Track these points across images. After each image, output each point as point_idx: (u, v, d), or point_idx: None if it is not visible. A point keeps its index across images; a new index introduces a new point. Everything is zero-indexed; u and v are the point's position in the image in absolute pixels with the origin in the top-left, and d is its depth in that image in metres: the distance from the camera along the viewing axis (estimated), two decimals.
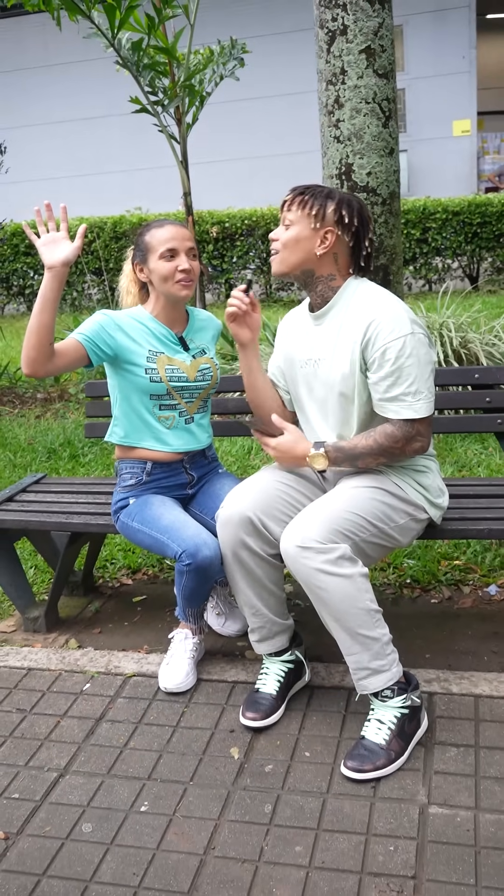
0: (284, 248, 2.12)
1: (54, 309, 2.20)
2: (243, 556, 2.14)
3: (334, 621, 2.01)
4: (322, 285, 2.16)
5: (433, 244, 10.28)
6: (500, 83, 19.33)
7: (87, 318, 2.48)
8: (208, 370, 2.47)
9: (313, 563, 1.95)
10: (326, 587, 1.95)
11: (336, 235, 2.09)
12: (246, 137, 15.56)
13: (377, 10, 3.63)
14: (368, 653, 2.01)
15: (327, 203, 2.08)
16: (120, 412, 2.46)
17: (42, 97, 16.69)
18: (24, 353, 2.22)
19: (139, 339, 2.38)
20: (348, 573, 1.96)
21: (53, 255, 2.20)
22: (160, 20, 5.40)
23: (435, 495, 2.23)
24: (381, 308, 2.06)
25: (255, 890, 1.68)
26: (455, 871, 1.68)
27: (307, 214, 2.08)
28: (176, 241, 2.32)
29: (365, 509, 2.06)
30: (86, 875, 1.75)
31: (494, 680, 2.29)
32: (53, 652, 2.64)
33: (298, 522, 2.01)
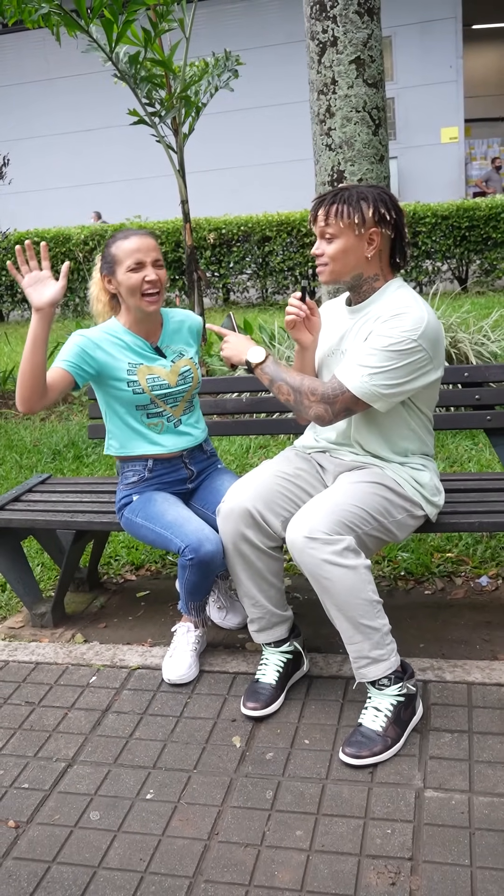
0: (335, 261, 2.07)
1: (45, 347, 2.17)
2: (244, 548, 2.14)
3: (338, 611, 2.00)
4: (367, 286, 2.14)
5: (423, 248, 10.28)
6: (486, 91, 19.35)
7: (89, 323, 2.46)
8: (189, 372, 2.45)
9: (320, 553, 1.94)
10: (332, 577, 1.95)
11: (380, 234, 2.06)
12: (241, 146, 15.56)
13: (366, 21, 3.63)
14: (369, 642, 2.01)
15: (363, 206, 2.02)
16: (112, 425, 2.46)
17: (43, 110, 16.69)
18: (21, 394, 2.19)
19: (117, 354, 2.36)
20: (353, 564, 1.96)
21: (42, 297, 2.15)
22: (156, 34, 5.40)
23: (431, 493, 2.22)
24: (409, 306, 2.03)
25: (258, 873, 1.68)
26: (450, 853, 1.68)
27: (349, 224, 2.03)
28: (141, 253, 2.27)
29: (367, 503, 2.06)
30: (94, 861, 1.75)
31: (486, 667, 2.29)
32: (60, 646, 2.64)
33: (305, 514, 2.01)
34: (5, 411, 6.04)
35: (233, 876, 1.68)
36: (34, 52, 16.23)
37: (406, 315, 2.01)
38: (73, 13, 5.28)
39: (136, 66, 5.48)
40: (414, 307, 2.03)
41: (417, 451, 2.23)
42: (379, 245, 2.07)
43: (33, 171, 16.23)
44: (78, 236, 11.21)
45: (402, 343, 1.99)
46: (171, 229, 10.76)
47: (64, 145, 16.61)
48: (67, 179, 16.65)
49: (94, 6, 5.06)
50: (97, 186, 16.35)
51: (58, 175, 16.68)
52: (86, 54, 5.55)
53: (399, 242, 2.12)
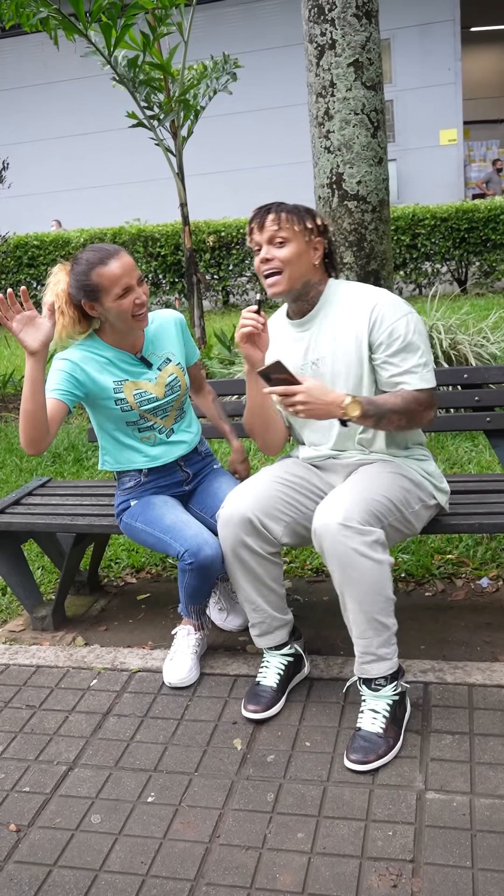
0: (289, 265, 2.08)
1: (44, 388, 2.12)
2: (243, 555, 2.14)
3: (356, 603, 1.98)
4: (313, 291, 2.17)
5: (422, 249, 10.29)
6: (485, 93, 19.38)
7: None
8: (176, 381, 2.42)
9: (352, 542, 1.93)
10: (360, 569, 1.94)
11: (321, 244, 2.13)
12: (239, 149, 15.59)
13: (364, 24, 3.64)
14: (379, 639, 2.01)
15: (307, 217, 2.09)
16: (105, 442, 2.45)
17: (42, 114, 16.71)
18: (27, 436, 2.14)
19: (102, 373, 2.32)
20: (380, 559, 1.96)
21: (36, 340, 2.07)
22: (155, 37, 5.41)
23: (439, 480, 2.28)
24: (377, 294, 2.13)
25: (259, 876, 1.68)
26: (452, 855, 1.68)
27: (302, 229, 2.07)
28: (126, 278, 2.18)
29: (392, 494, 2.08)
30: (95, 864, 1.75)
31: (487, 669, 2.29)
32: (61, 649, 2.64)
33: (336, 500, 1.98)
34: (5, 415, 6.04)
35: (234, 879, 1.68)
36: (32, 56, 16.25)
37: (381, 303, 2.11)
38: (71, 17, 5.30)
39: (135, 70, 5.49)
40: (373, 291, 2.14)
41: (414, 441, 2.28)
42: (321, 254, 2.14)
43: (32, 174, 16.25)
44: (77, 240, 11.22)
45: (408, 325, 2.09)
46: (170, 232, 10.76)
47: (63, 149, 16.63)
48: (66, 183, 16.66)
49: (93, 10, 5.07)
50: (96, 190, 16.36)
51: (56, 178, 16.69)
52: (84, 58, 5.56)
53: (331, 253, 2.19)
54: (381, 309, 2.09)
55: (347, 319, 2.13)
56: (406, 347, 2.08)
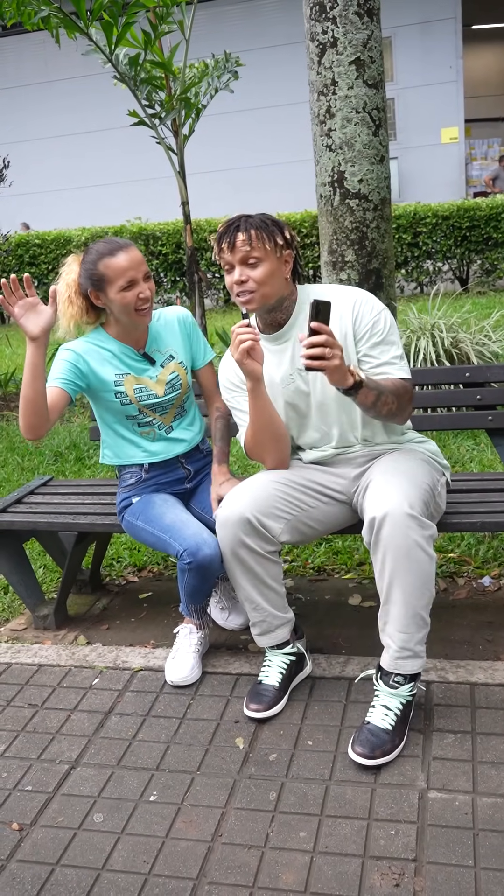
0: (264, 285, 2.05)
1: (44, 374, 2.15)
2: (242, 554, 2.14)
3: (404, 596, 1.97)
4: (287, 301, 2.17)
5: (424, 248, 10.28)
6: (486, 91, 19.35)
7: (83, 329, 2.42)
8: (177, 379, 2.42)
9: (416, 534, 1.93)
10: (418, 562, 1.94)
11: (290, 255, 2.12)
12: (241, 147, 15.57)
13: (366, 22, 3.63)
14: (419, 635, 2.01)
15: (276, 231, 2.06)
16: (106, 435, 2.47)
17: (43, 113, 16.71)
18: (26, 422, 2.17)
19: (104, 365, 2.35)
20: (433, 554, 1.98)
21: (36, 326, 2.12)
22: (156, 36, 5.40)
23: (441, 457, 2.33)
24: (353, 291, 2.17)
25: (262, 875, 1.68)
26: (454, 854, 1.68)
27: (272, 247, 2.04)
28: (132, 271, 2.22)
29: (428, 480, 2.11)
30: (98, 863, 1.75)
31: (489, 668, 2.29)
32: (63, 648, 2.64)
33: (396, 488, 1.95)
34: (7, 413, 6.04)
35: (236, 878, 1.68)
36: (34, 55, 16.24)
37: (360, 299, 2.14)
38: (72, 15, 5.29)
39: (136, 68, 5.48)
40: (348, 289, 2.17)
41: (407, 427, 2.33)
42: (291, 267, 2.14)
43: (33, 173, 16.24)
44: (79, 238, 11.22)
45: (386, 320, 2.14)
46: (171, 231, 10.76)
47: (64, 147, 16.62)
48: (67, 181, 16.65)
49: (94, 8, 5.06)
50: (97, 188, 16.36)
51: (58, 177, 16.68)
52: (85, 57, 5.55)
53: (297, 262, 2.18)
54: (362, 304, 2.14)
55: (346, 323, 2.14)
56: (384, 340, 2.13)
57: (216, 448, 2.50)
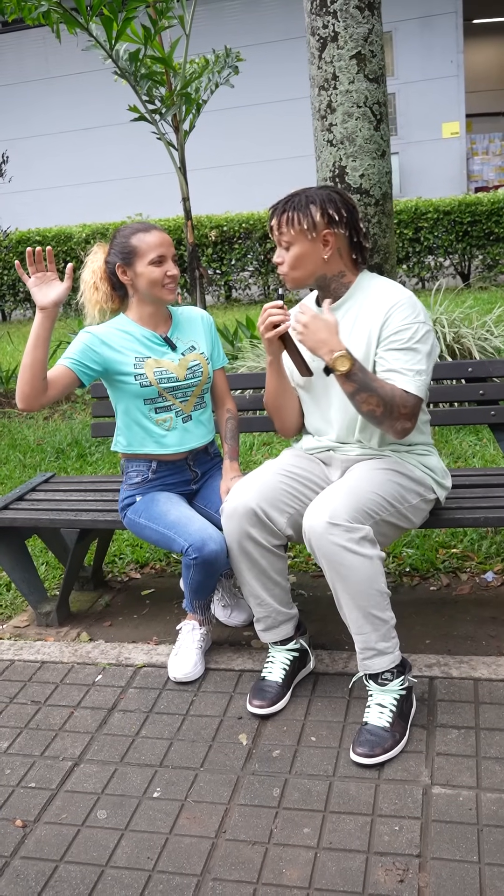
0: (293, 269, 2.11)
1: (47, 345, 2.21)
2: (248, 547, 2.14)
3: (350, 599, 1.99)
4: (335, 283, 2.16)
5: (425, 243, 10.26)
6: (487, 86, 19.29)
7: (81, 319, 2.47)
8: (198, 366, 2.45)
9: (339, 540, 1.94)
10: (349, 565, 1.95)
11: (334, 234, 2.09)
12: (242, 143, 15.53)
13: (367, 16, 3.62)
14: (377, 633, 2.01)
15: (311, 210, 2.05)
16: (121, 423, 2.46)
17: (43, 109, 16.67)
18: (20, 390, 2.22)
19: (124, 349, 2.37)
20: (369, 554, 1.96)
21: (46, 297, 2.20)
22: (156, 31, 5.38)
23: (441, 476, 2.27)
24: (401, 295, 2.11)
25: (266, 871, 1.68)
26: (458, 849, 1.68)
27: (300, 230, 2.06)
28: (164, 248, 2.32)
29: (384, 490, 2.07)
30: (102, 860, 1.75)
31: (493, 663, 2.29)
32: (66, 645, 2.64)
33: (325, 499, 2.00)
34: (8, 410, 6.04)
35: (240, 874, 1.68)
36: (33, 51, 16.20)
37: (401, 304, 2.09)
38: (72, 11, 5.28)
39: (137, 64, 5.47)
40: (399, 291, 2.11)
41: (419, 441, 2.26)
42: (335, 245, 2.10)
43: (33, 169, 16.21)
44: (79, 235, 11.21)
45: (418, 331, 2.07)
46: (172, 227, 10.74)
47: (64, 143, 16.58)
48: (68, 178, 16.61)
49: (94, 4, 5.05)
50: (98, 184, 16.32)
51: (58, 173, 16.64)
52: (85, 53, 5.55)
53: (356, 239, 2.14)
54: (398, 308, 2.08)
55: (368, 315, 2.13)
56: (406, 351, 2.06)
57: (227, 446, 2.53)
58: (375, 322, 2.10)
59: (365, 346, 2.12)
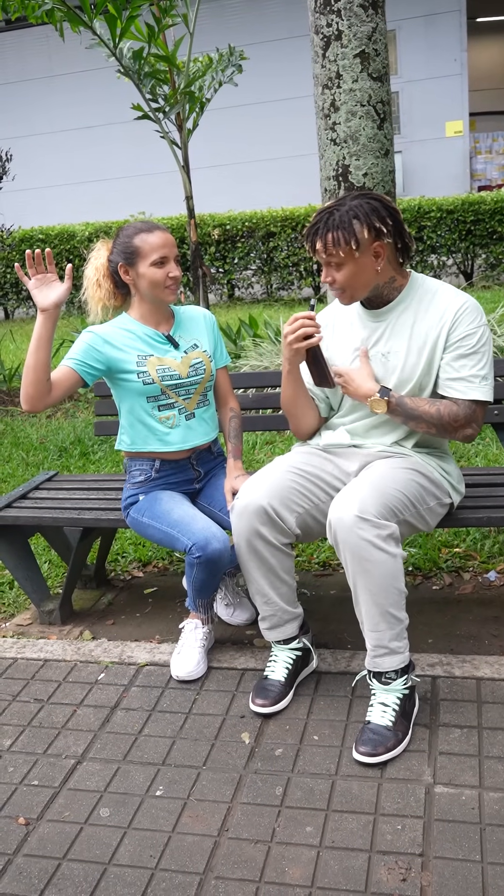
0: (350, 287, 2.09)
1: (49, 346, 2.22)
2: (258, 545, 2.13)
3: (370, 596, 1.99)
4: (387, 289, 2.16)
5: (428, 242, 10.25)
6: (491, 85, 19.27)
7: (93, 320, 2.47)
8: (201, 364, 2.46)
9: (367, 535, 1.93)
10: (375, 561, 1.94)
11: (383, 245, 2.06)
12: (245, 142, 15.53)
13: (371, 15, 3.62)
14: (391, 632, 2.01)
15: (356, 228, 2.00)
16: (125, 421, 2.47)
17: (46, 107, 16.68)
18: (24, 391, 2.23)
19: (126, 348, 2.38)
20: (394, 552, 1.97)
21: (47, 298, 2.21)
22: (160, 29, 5.39)
23: (457, 480, 2.28)
24: (464, 298, 2.13)
25: (268, 870, 1.68)
26: (461, 848, 1.68)
27: (349, 250, 2.02)
28: (166, 249, 2.32)
29: (407, 489, 2.08)
30: (104, 858, 1.75)
31: (495, 663, 2.29)
32: (68, 643, 2.65)
33: (353, 492, 1.99)
34: (12, 409, 6.04)
35: (243, 872, 1.68)
36: (37, 49, 16.20)
37: (467, 308, 2.12)
38: (76, 9, 5.28)
39: (140, 62, 5.47)
40: (461, 295, 2.14)
41: (438, 443, 2.28)
42: (385, 254, 2.08)
43: (36, 167, 16.22)
44: (82, 233, 11.21)
45: (482, 336, 2.11)
46: (175, 225, 10.74)
47: (67, 142, 16.58)
48: (71, 176, 16.62)
49: (98, 2, 5.05)
50: (100, 183, 16.33)
51: (61, 172, 16.65)
52: (88, 51, 5.55)
53: (403, 242, 2.13)
54: (465, 311, 2.11)
55: (428, 318, 2.13)
56: (472, 356, 2.10)
57: (230, 445, 2.54)
58: (443, 325, 2.11)
59: (430, 347, 2.12)
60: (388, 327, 2.18)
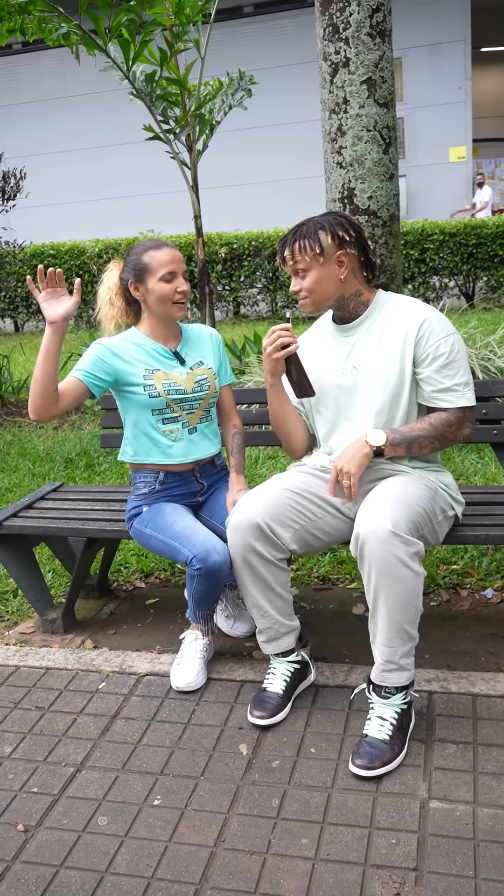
0: (313, 293, 2.15)
1: (57, 358, 2.24)
2: (253, 560, 2.13)
3: (389, 611, 1.97)
4: (353, 302, 2.20)
5: (431, 264, 10.29)
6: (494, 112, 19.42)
7: (101, 334, 2.50)
8: (206, 381, 2.47)
9: (398, 551, 1.92)
10: (401, 578, 1.93)
11: (346, 255, 2.13)
12: (253, 163, 15.63)
13: (378, 43, 3.65)
14: (403, 648, 2.00)
15: (321, 236, 2.11)
16: (129, 433, 2.47)
17: (60, 127, 16.81)
18: (32, 402, 2.25)
19: (134, 361, 2.39)
20: (419, 571, 1.96)
21: (56, 311, 2.23)
22: (172, 53, 5.44)
23: (455, 492, 2.28)
24: (427, 310, 2.17)
25: (264, 881, 1.67)
26: (455, 864, 1.67)
27: (313, 255, 2.11)
28: (174, 265, 2.34)
29: (425, 503, 2.09)
30: (101, 866, 1.74)
31: (491, 679, 2.28)
32: (70, 652, 2.64)
33: (384, 506, 1.97)
34: (19, 420, 6.06)
35: (238, 883, 1.66)
36: (51, 71, 16.36)
37: (432, 319, 2.15)
38: (91, 33, 5.33)
39: (153, 85, 5.52)
40: (424, 307, 2.17)
41: (432, 457, 2.28)
42: (349, 264, 2.15)
43: (49, 185, 16.33)
44: (92, 249, 11.27)
45: (454, 344, 2.14)
46: (183, 243, 10.80)
47: (79, 160, 16.71)
48: (82, 194, 16.73)
49: (112, 26, 5.10)
50: (111, 201, 16.43)
51: (73, 189, 16.77)
52: (102, 73, 5.60)
53: (364, 258, 2.18)
54: (431, 324, 2.13)
55: (395, 330, 2.16)
56: (449, 365, 2.13)
57: (233, 460, 2.55)
58: (409, 337, 2.14)
59: (399, 358, 2.15)
60: (357, 341, 2.22)
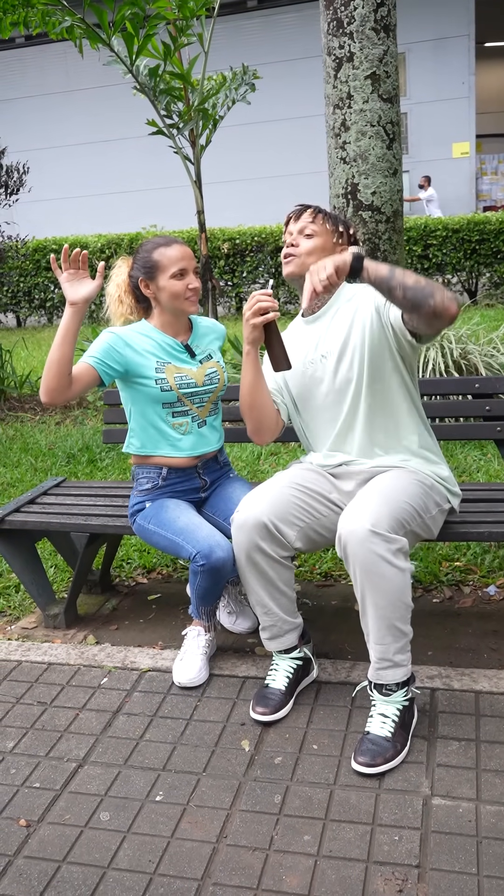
0: (308, 255, 2.18)
1: (74, 341, 2.24)
2: (257, 558, 2.13)
3: (377, 609, 1.97)
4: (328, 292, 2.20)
5: (434, 260, 10.27)
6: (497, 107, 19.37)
7: (103, 329, 2.49)
8: (215, 374, 2.47)
9: (379, 549, 1.92)
10: (384, 576, 1.93)
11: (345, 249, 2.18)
12: (256, 158, 15.61)
13: (382, 38, 3.63)
14: (396, 645, 2.00)
15: (341, 223, 2.22)
16: (135, 424, 2.46)
17: (63, 121, 16.79)
18: (45, 384, 2.24)
19: (146, 353, 2.38)
20: (403, 567, 1.95)
21: (77, 293, 2.24)
22: (176, 48, 5.42)
23: (451, 484, 2.28)
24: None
25: (266, 877, 1.66)
26: (457, 861, 1.66)
27: (334, 230, 2.19)
28: (185, 262, 2.33)
29: (414, 499, 2.08)
30: (104, 862, 1.74)
31: (494, 676, 2.27)
32: (72, 647, 2.64)
33: (365, 506, 1.97)
34: (22, 415, 6.05)
35: (241, 879, 1.66)
36: (55, 65, 16.33)
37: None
38: (95, 26, 5.31)
39: (156, 79, 5.50)
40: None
41: (427, 445, 2.26)
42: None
43: (52, 180, 16.32)
44: (95, 244, 11.25)
45: None
46: (186, 238, 10.78)
47: (82, 155, 16.69)
48: (85, 189, 16.72)
49: (116, 20, 5.08)
50: (114, 196, 16.42)
51: (76, 184, 16.75)
52: (105, 67, 5.59)
53: None
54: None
55: (356, 305, 2.20)
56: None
57: None
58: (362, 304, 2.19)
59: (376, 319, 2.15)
60: (323, 329, 2.24)
